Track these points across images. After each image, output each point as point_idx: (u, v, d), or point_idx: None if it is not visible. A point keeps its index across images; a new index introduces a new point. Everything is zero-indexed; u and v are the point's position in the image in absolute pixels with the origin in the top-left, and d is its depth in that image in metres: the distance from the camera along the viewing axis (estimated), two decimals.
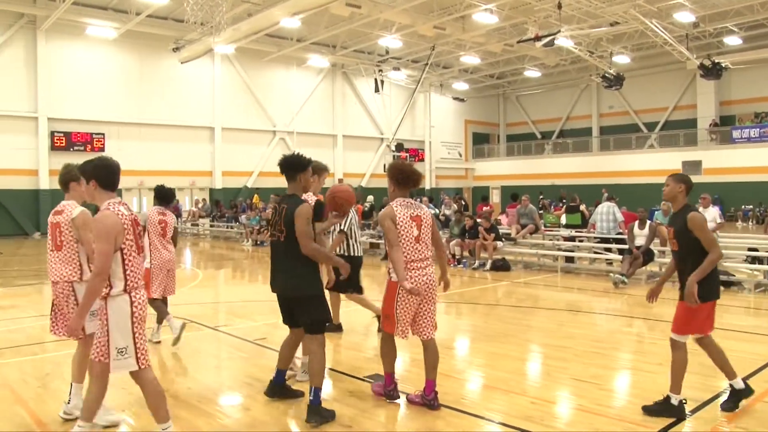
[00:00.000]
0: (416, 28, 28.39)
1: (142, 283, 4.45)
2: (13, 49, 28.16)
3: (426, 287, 5.42)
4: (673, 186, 5.41)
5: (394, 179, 5.59)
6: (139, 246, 4.43)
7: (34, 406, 5.68)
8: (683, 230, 5.21)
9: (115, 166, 4.58)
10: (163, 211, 7.87)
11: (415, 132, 43.18)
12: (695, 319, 5.18)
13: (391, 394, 5.59)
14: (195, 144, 33.33)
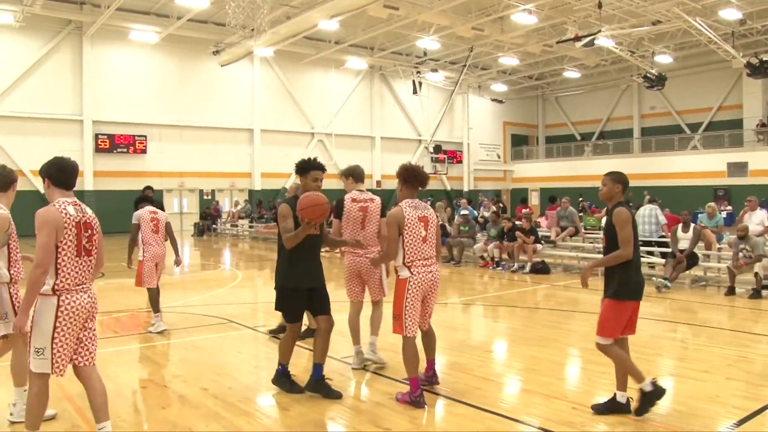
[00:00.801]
0: (454, 29, 28.29)
1: (82, 287, 4.37)
2: (61, 55, 28.93)
3: (430, 284, 5.65)
4: (611, 186, 5.40)
5: (401, 178, 5.82)
6: (80, 249, 4.34)
7: (80, 402, 5.78)
8: (610, 226, 5.23)
9: (68, 166, 4.54)
10: (154, 210, 8.84)
11: (453, 134, 43.04)
12: (620, 320, 5.20)
13: (418, 401, 5.48)
14: (234, 146, 33.71)
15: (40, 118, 28.46)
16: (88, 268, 4.44)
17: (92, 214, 4.56)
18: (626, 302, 5.19)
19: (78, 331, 4.40)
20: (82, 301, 4.36)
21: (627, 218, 5.13)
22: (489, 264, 16.21)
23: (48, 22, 27.94)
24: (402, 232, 5.58)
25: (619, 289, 5.16)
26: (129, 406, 5.75)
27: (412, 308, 5.54)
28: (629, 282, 5.18)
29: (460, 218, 17.97)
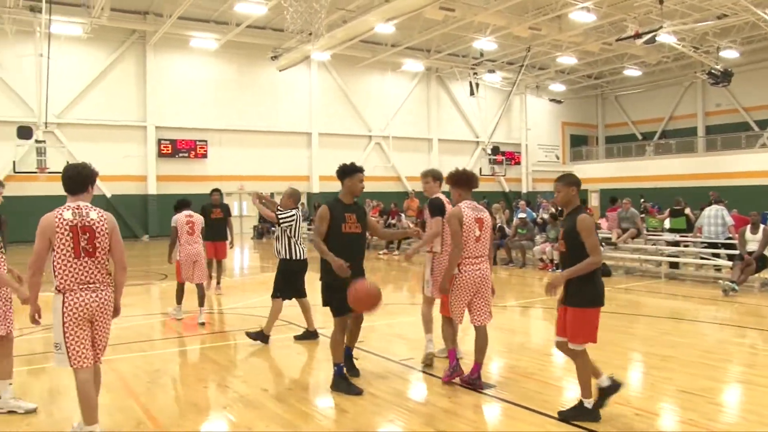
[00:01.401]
0: (511, 29, 28.01)
1: (88, 286, 4.64)
2: (125, 64, 29.85)
3: (479, 281, 6.12)
4: (566, 191, 5.41)
5: (453, 183, 6.36)
6: (78, 251, 4.59)
7: (145, 400, 5.97)
8: (572, 232, 5.16)
9: (73, 173, 4.80)
10: (190, 214, 9.90)
11: (511, 135, 42.63)
12: (589, 326, 5.19)
13: (475, 382, 6.06)
14: (293, 149, 34.12)
15: (107, 124, 29.40)
16: (92, 268, 4.68)
17: (97, 217, 4.73)
18: (594, 309, 5.19)
19: (88, 328, 4.70)
20: (87, 299, 4.63)
21: (592, 224, 5.16)
22: (548, 266, 16.00)
23: (114, 32, 28.84)
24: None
25: (586, 296, 5.15)
26: (191, 405, 5.88)
27: (458, 301, 6.10)
28: (596, 288, 5.18)
29: (518, 221, 17.80)
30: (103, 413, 5.58)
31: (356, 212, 6.42)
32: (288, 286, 8.15)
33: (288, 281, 8.15)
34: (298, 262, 8.11)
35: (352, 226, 6.26)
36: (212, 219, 12.47)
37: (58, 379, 6.60)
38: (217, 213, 12.96)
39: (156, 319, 10.04)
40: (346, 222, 6.22)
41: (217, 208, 13.07)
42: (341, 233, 6.15)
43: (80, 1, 25.95)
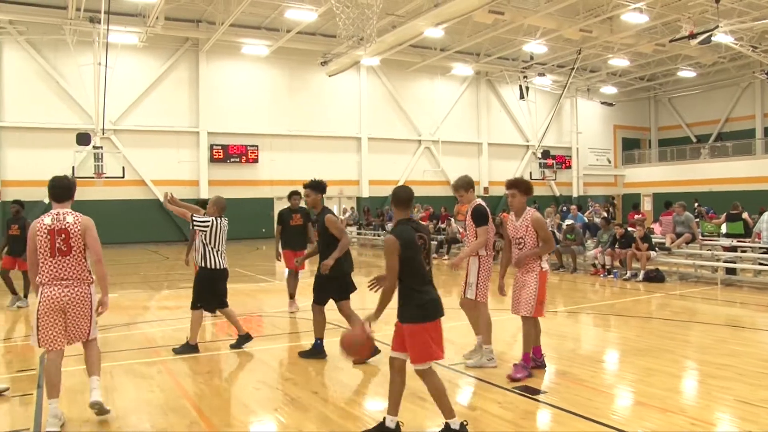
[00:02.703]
0: (561, 32, 27.72)
1: (60, 282, 5.36)
2: (179, 71, 30.58)
3: None
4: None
5: (525, 189, 6.67)
6: (53, 251, 5.34)
7: (198, 400, 6.10)
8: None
9: (56, 183, 5.66)
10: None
11: (562, 138, 42.13)
12: (422, 344, 4.80)
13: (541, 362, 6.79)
14: (342, 154, 34.36)
15: (160, 130, 30.14)
16: (66, 265, 5.39)
17: (72, 220, 5.47)
18: (421, 324, 4.86)
19: (60, 317, 5.38)
20: (57, 293, 5.35)
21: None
22: (600, 271, 15.75)
23: (168, 40, 29.57)
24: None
25: (417, 311, 4.86)
26: (243, 406, 5.97)
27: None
28: (428, 301, 4.91)
29: (566, 226, 17.57)
30: (158, 413, 5.75)
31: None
32: (208, 295, 8.00)
33: (207, 290, 8.00)
34: (216, 270, 7.95)
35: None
36: (291, 226, 11.23)
37: (116, 377, 6.79)
38: (297, 219, 11.30)
39: (206, 321, 10.22)
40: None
41: (296, 213, 11.33)
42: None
43: (136, 11, 26.73)
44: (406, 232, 4.89)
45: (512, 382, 6.39)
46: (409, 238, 4.86)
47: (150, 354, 7.94)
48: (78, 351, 5.90)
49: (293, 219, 11.19)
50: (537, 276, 6.60)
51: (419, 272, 4.89)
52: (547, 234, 6.65)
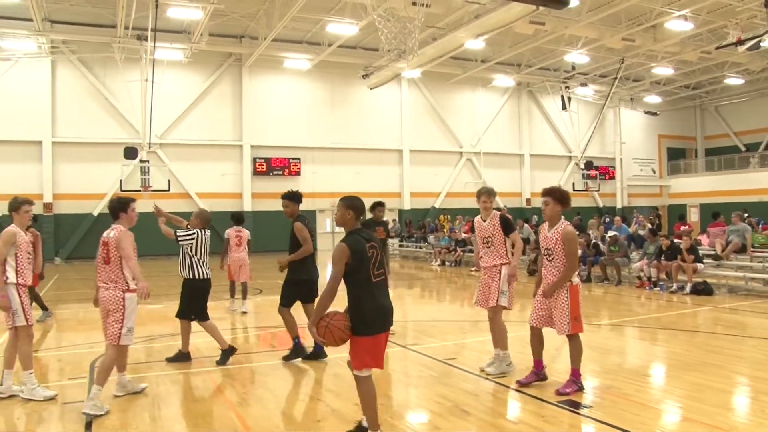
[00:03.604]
0: (603, 41, 27.45)
1: (102, 285, 6.40)
2: (222, 86, 31.17)
3: None
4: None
5: (560, 201, 6.50)
6: (102, 258, 6.43)
7: (241, 410, 6.18)
8: None
9: (111, 205, 7.05)
10: (239, 229, 12.67)
11: (605, 149, 41.59)
12: (359, 354, 4.92)
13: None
14: (384, 166, 34.49)
15: (205, 144, 30.71)
16: (107, 272, 6.39)
17: (113, 235, 6.53)
18: (358, 338, 4.91)
19: (104, 316, 6.39)
20: (102, 295, 6.39)
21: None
22: (646, 284, 15.48)
23: (212, 56, 30.14)
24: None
25: (360, 324, 4.89)
26: (286, 417, 6.04)
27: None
28: (364, 315, 4.91)
29: (610, 238, 17.32)
30: (203, 422, 5.86)
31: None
32: (198, 306, 8.11)
33: (198, 301, 8.13)
34: (204, 281, 8.11)
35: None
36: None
37: (162, 386, 6.91)
38: (380, 232, 10.23)
39: (252, 332, 10.34)
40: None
41: (379, 226, 10.40)
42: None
43: (182, 28, 27.36)
44: (358, 243, 4.94)
45: (559, 396, 6.32)
46: (359, 249, 4.92)
47: (195, 364, 8.06)
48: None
49: (377, 232, 9.95)
50: (567, 291, 6.44)
51: (366, 283, 4.94)
52: (572, 249, 6.44)
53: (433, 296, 16.30)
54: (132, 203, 6.96)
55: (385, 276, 5.15)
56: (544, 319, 6.64)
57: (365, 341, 4.90)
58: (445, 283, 18.41)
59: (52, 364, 8.44)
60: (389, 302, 5.09)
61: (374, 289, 4.98)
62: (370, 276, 4.97)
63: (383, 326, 4.97)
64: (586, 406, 6.01)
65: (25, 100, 27.72)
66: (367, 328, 4.89)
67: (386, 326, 4.99)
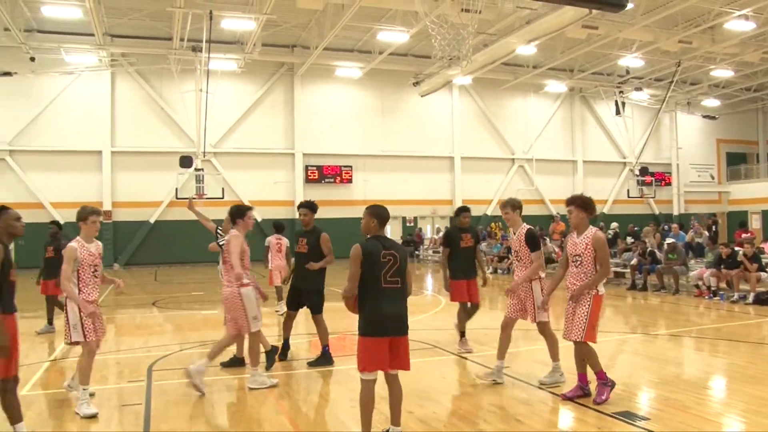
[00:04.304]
0: (659, 44, 26.91)
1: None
2: (275, 94, 31.67)
3: None
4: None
5: (583, 207, 6.51)
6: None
7: (295, 416, 6.26)
8: None
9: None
10: (279, 237, 13.17)
11: (660, 154, 40.67)
12: (361, 353, 5.11)
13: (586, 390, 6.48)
14: (435, 173, 34.45)
15: (257, 152, 31.22)
16: (226, 272, 7.23)
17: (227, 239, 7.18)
18: (363, 338, 5.13)
19: None
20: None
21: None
22: (705, 293, 15.05)
23: (264, 66, 30.63)
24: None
25: (364, 326, 5.15)
26: (339, 423, 6.06)
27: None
28: (366, 317, 5.14)
29: (667, 246, 16.91)
30: (256, 426, 5.93)
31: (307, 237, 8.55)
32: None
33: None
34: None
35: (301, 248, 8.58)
36: (462, 249, 9.36)
37: (216, 390, 7.03)
38: (468, 240, 9.41)
39: (303, 339, 10.42)
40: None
41: (466, 233, 9.51)
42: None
43: (235, 39, 27.88)
44: (373, 247, 5.15)
45: (598, 405, 6.20)
46: (373, 251, 5.11)
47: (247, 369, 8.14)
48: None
49: (464, 240, 9.35)
50: (590, 299, 6.35)
51: (374, 287, 5.09)
52: (604, 255, 6.40)
53: (485, 304, 16.11)
54: (249, 211, 7.58)
55: (401, 285, 5.22)
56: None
57: (364, 341, 5.11)
58: (497, 291, 18.23)
59: (111, 367, 8.66)
60: (398, 310, 5.19)
61: (381, 294, 5.12)
62: (380, 281, 5.11)
63: (384, 332, 5.09)
64: (643, 418, 5.88)
65: (87, 112, 28.73)
66: (366, 330, 5.11)
67: (388, 332, 5.12)
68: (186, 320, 13.10)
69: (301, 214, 8.75)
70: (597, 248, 6.36)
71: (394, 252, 5.21)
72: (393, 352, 5.16)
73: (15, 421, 5.24)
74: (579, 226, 6.54)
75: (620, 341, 9.96)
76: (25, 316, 10.54)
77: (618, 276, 18.87)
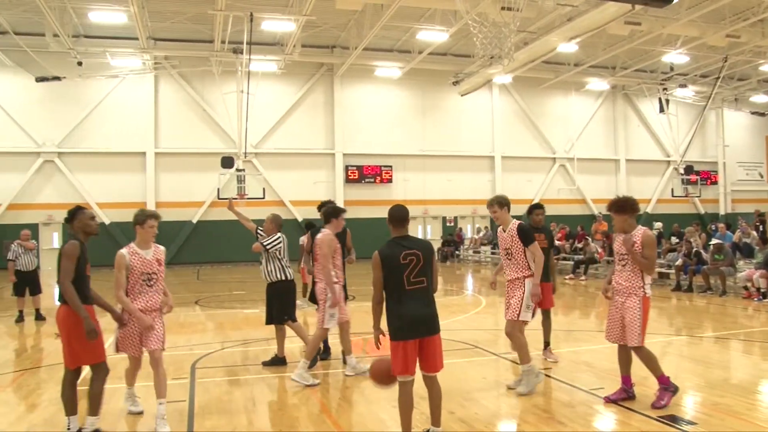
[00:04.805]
0: (705, 39, 26.30)
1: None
2: (315, 95, 31.87)
3: None
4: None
5: (626, 210, 6.39)
6: None
7: (337, 415, 6.27)
8: None
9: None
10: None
11: (706, 153, 39.81)
12: (393, 357, 5.11)
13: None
14: (475, 173, 34.26)
15: (298, 153, 31.44)
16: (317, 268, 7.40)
17: (319, 237, 7.36)
18: (393, 342, 5.11)
19: None
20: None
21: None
22: (754, 295, 14.66)
23: (304, 67, 30.83)
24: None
25: (391, 329, 5.15)
26: (380, 422, 6.06)
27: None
28: (394, 321, 5.13)
29: (713, 246, 16.50)
30: (299, 425, 5.96)
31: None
32: (287, 306, 8.40)
33: (287, 301, 8.43)
34: (291, 281, 8.48)
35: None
36: None
37: (258, 389, 7.08)
38: (541, 240, 8.11)
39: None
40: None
41: (540, 232, 8.56)
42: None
43: (275, 41, 28.13)
44: (389, 250, 5.18)
45: (656, 410, 6.07)
46: (390, 255, 5.13)
47: (290, 368, 8.20)
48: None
49: (537, 240, 7.85)
50: (640, 302, 6.25)
51: (398, 291, 5.10)
52: (651, 254, 6.29)
53: None
54: (342, 213, 8.08)
55: (426, 285, 5.19)
56: (620, 334, 6.43)
57: (394, 346, 5.11)
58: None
59: None
60: (425, 311, 5.17)
61: (405, 296, 5.12)
62: (402, 284, 5.11)
63: (410, 334, 5.08)
64: (689, 422, 5.74)
65: (131, 114, 29.32)
66: (395, 334, 5.09)
67: (415, 334, 5.11)
68: (228, 319, 13.25)
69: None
70: (645, 246, 6.27)
71: (417, 251, 5.20)
72: (424, 353, 5.16)
73: (69, 413, 5.52)
74: (625, 229, 6.44)
75: (665, 343, 9.75)
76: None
77: (662, 277, 18.51)
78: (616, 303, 6.44)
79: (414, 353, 5.11)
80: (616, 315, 6.42)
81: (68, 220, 5.74)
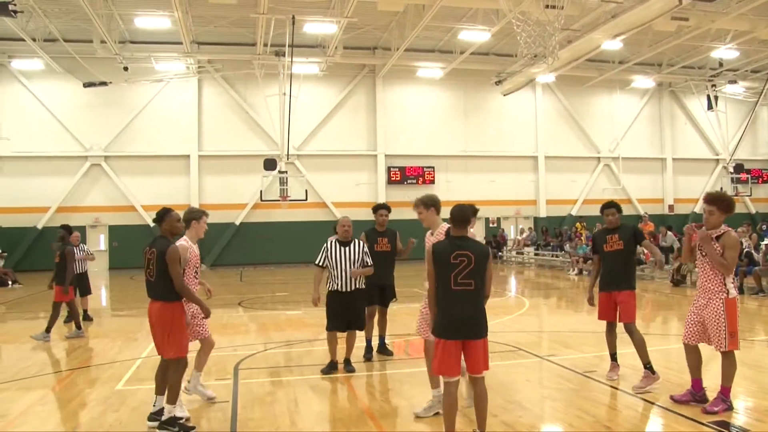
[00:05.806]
0: (756, 33, 25.55)
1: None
2: (357, 96, 31.95)
3: None
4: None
5: (723, 209, 6.13)
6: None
7: (378, 415, 6.22)
8: None
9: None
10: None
11: (757, 151, 38.72)
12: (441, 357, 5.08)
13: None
14: (519, 173, 33.96)
15: (340, 154, 31.55)
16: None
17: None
18: (438, 340, 5.14)
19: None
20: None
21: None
22: None
23: (346, 68, 30.93)
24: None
25: (433, 325, 5.25)
26: (423, 425, 6.00)
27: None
28: (436, 318, 5.21)
29: (765, 246, 16.03)
30: (341, 426, 5.95)
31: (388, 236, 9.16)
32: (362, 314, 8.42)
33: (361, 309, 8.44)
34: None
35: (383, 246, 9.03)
36: (607, 253, 7.49)
37: (301, 391, 7.10)
38: (614, 242, 7.45)
39: (387, 340, 10.42)
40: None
41: (612, 234, 7.55)
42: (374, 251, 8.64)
43: (317, 43, 28.28)
44: (443, 247, 5.23)
45: (706, 415, 5.89)
46: (442, 252, 5.17)
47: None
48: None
49: (608, 243, 7.50)
50: (723, 303, 5.98)
51: (441, 287, 5.12)
52: (733, 255, 6.06)
53: (570, 306, 15.78)
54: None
55: (473, 288, 5.12)
56: (698, 334, 6.20)
57: (436, 343, 5.15)
58: (582, 292, 17.74)
59: None
60: (470, 313, 5.12)
61: (450, 295, 5.11)
62: (449, 282, 5.09)
63: (451, 334, 5.08)
64: (742, 429, 5.56)
65: (175, 118, 29.83)
66: (437, 331, 5.16)
67: (455, 335, 5.08)
68: (270, 320, 13.33)
69: (384, 215, 9.45)
70: (727, 246, 6.05)
71: (469, 253, 5.14)
72: (467, 355, 5.12)
73: (158, 393, 6.04)
74: (716, 226, 6.18)
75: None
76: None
77: None
78: (698, 303, 6.25)
79: (456, 354, 5.07)
80: (695, 316, 6.23)
81: (157, 221, 6.12)
